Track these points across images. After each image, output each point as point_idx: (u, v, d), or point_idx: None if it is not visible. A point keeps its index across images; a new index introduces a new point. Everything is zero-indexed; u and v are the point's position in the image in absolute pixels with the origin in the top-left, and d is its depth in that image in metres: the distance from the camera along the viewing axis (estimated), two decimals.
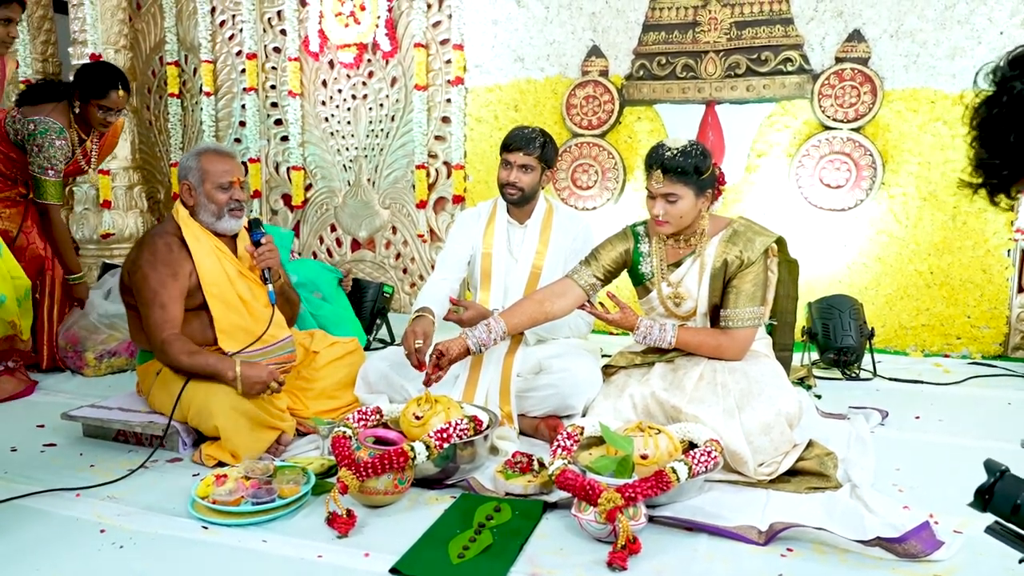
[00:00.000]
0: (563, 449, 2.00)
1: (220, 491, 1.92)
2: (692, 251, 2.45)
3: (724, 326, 2.39)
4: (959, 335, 3.70)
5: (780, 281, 2.55)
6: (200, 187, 2.47)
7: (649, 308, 2.57)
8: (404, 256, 4.81)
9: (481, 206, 2.94)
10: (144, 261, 2.40)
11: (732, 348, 2.38)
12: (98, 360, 3.28)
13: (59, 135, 3.17)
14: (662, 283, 2.48)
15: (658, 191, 2.34)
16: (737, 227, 2.43)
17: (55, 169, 3.19)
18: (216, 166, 2.48)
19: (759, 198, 3.90)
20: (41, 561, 1.70)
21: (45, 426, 2.65)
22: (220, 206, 2.48)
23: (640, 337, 2.44)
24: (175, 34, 5.14)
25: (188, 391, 2.32)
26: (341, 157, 4.88)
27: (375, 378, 2.62)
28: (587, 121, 4.16)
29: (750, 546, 1.76)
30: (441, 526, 1.84)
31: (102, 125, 3.28)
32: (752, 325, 2.38)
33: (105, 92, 3.18)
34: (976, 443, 2.44)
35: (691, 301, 2.45)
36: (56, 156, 3.17)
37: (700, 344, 2.41)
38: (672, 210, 2.34)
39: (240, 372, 2.27)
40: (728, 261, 2.38)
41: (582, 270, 2.52)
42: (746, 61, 3.88)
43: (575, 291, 2.49)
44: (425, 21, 4.51)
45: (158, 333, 2.34)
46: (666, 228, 2.39)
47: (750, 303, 2.37)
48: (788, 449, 2.15)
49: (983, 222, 3.61)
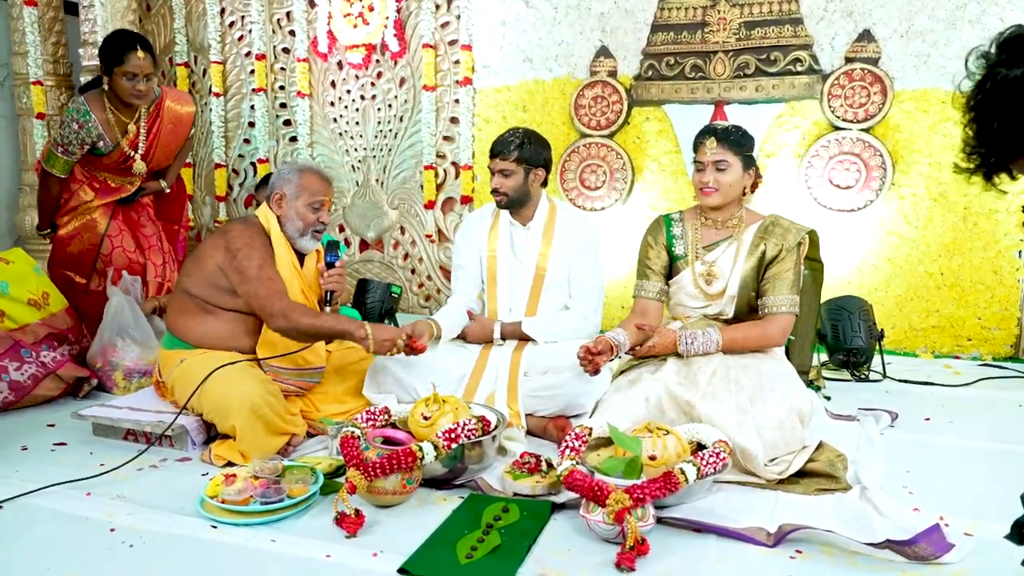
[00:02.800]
0: (571, 450, 1.99)
1: (229, 490, 1.93)
2: (729, 236, 2.53)
3: (765, 312, 2.46)
4: (969, 336, 3.68)
5: (804, 290, 2.58)
6: (293, 201, 2.52)
7: (678, 288, 2.59)
8: (412, 256, 4.81)
9: (485, 208, 2.94)
10: (244, 243, 2.44)
11: (776, 334, 2.44)
12: (127, 379, 3.08)
13: (79, 117, 3.08)
14: (696, 261, 2.54)
15: (709, 159, 2.45)
16: (773, 219, 2.53)
17: (65, 147, 3.10)
18: (314, 185, 2.54)
19: (769, 199, 3.88)
20: (51, 560, 1.71)
21: (56, 425, 2.66)
22: (307, 224, 2.53)
23: (685, 347, 2.39)
24: (185, 35, 5.16)
25: (208, 386, 2.32)
26: (350, 157, 4.89)
27: (383, 378, 2.62)
28: (595, 121, 4.16)
29: (759, 548, 1.75)
30: (449, 526, 1.84)
31: (134, 96, 3.11)
32: (790, 312, 2.44)
33: (123, 57, 3.05)
34: (986, 445, 2.43)
35: (722, 281, 2.50)
36: (68, 136, 3.09)
37: (746, 337, 2.43)
38: (722, 178, 2.45)
39: (371, 332, 2.35)
40: (767, 248, 2.47)
41: (644, 284, 2.63)
42: (755, 61, 3.87)
43: (652, 305, 2.60)
44: (434, 22, 4.51)
45: (276, 302, 2.36)
46: (714, 198, 2.47)
47: (791, 290, 2.44)
48: (798, 447, 2.14)
49: (994, 223, 3.59)
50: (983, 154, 1.25)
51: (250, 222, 2.57)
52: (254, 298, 2.39)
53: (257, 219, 2.57)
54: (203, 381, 2.33)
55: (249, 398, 2.27)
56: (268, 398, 2.32)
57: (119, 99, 3.15)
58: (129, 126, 3.21)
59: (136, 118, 3.23)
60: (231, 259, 2.42)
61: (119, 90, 3.11)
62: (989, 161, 1.24)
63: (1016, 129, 1.19)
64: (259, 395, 2.29)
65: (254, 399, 2.28)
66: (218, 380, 2.32)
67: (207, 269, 2.47)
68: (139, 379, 3.06)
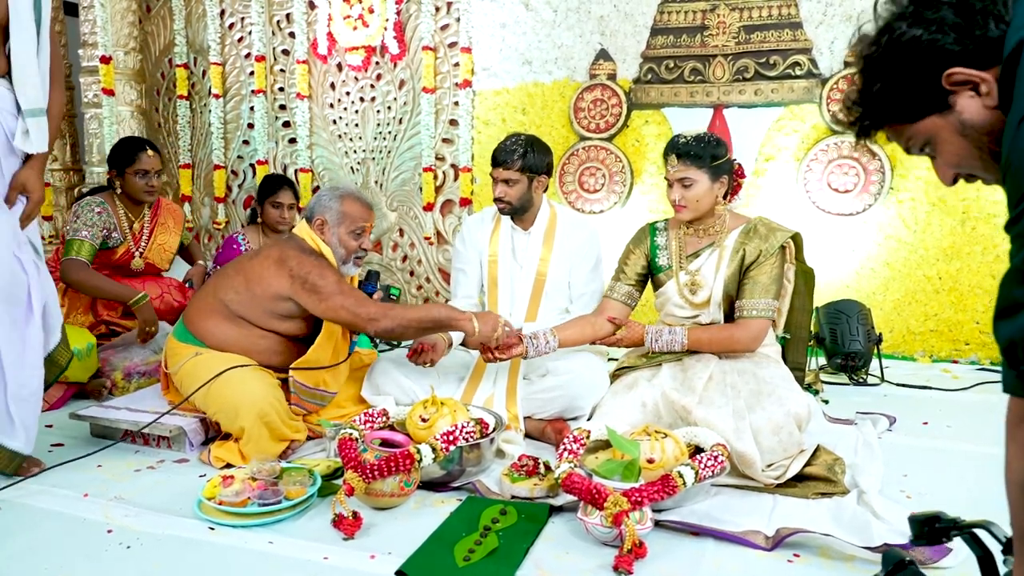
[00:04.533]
0: (569, 452, 1.99)
1: (227, 492, 1.93)
2: (711, 243, 2.51)
3: (738, 316, 2.44)
4: (968, 341, 3.69)
5: (796, 292, 2.58)
6: (336, 228, 2.51)
7: (664, 300, 2.59)
8: (411, 258, 4.81)
9: (486, 211, 2.94)
10: (312, 264, 2.40)
11: (745, 338, 2.41)
12: (126, 380, 3.06)
13: (96, 206, 3.15)
14: (680, 272, 2.53)
15: (673, 176, 2.44)
16: (756, 223, 2.51)
17: (89, 230, 3.10)
18: (356, 212, 2.53)
19: (767, 202, 3.89)
20: (49, 561, 1.71)
21: (53, 426, 2.66)
22: (349, 252, 2.54)
23: (651, 342, 2.47)
24: (184, 36, 5.16)
25: (218, 385, 2.31)
26: (349, 159, 4.89)
27: (381, 380, 2.62)
28: (595, 124, 4.16)
29: (756, 551, 1.75)
30: (447, 529, 1.84)
31: (146, 193, 3.24)
32: (766, 316, 2.42)
33: (134, 156, 3.20)
34: (984, 449, 2.43)
35: (707, 289, 2.49)
36: (91, 219, 3.11)
37: (711, 339, 2.43)
38: (688, 194, 2.43)
39: (475, 319, 2.34)
40: (746, 252, 2.45)
41: (615, 285, 2.64)
42: (754, 65, 3.87)
43: (615, 306, 2.61)
44: (433, 24, 4.52)
45: (370, 307, 2.35)
46: (685, 213, 2.47)
47: (765, 295, 2.42)
48: (796, 452, 2.14)
49: (992, 227, 3.60)
50: (860, 112, 1.17)
51: (302, 246, 2.50)
52: (343, 310, 2.34)
53: (305, 240, 2.52)
54: (215, 377, 2.31)
55: (260, 402, 2.28)
56: (276, 404, 2.32)
57: (128, 198, 3.28)
58: (135, 224, 3.33)
59: (140, 216, 3.36)
60: (302, 284, 2.37)
61: (131, 188, 3.24)
62: (863, 122, 1.17)
63: (897, 95, 1.11)
64: (268, 401, 2.30)
65: (264, 404, 2.28)
66: (230, 380, 2.31)
67: (264, 295, 2.42)
68: (138, 379, 3.05)
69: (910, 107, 1.11)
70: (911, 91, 1.09)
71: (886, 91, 1.11)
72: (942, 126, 1.09)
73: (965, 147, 1.09)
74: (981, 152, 1.09)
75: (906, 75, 1.08)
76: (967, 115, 1.06)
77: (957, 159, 1.12)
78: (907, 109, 1.11)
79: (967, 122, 1.07)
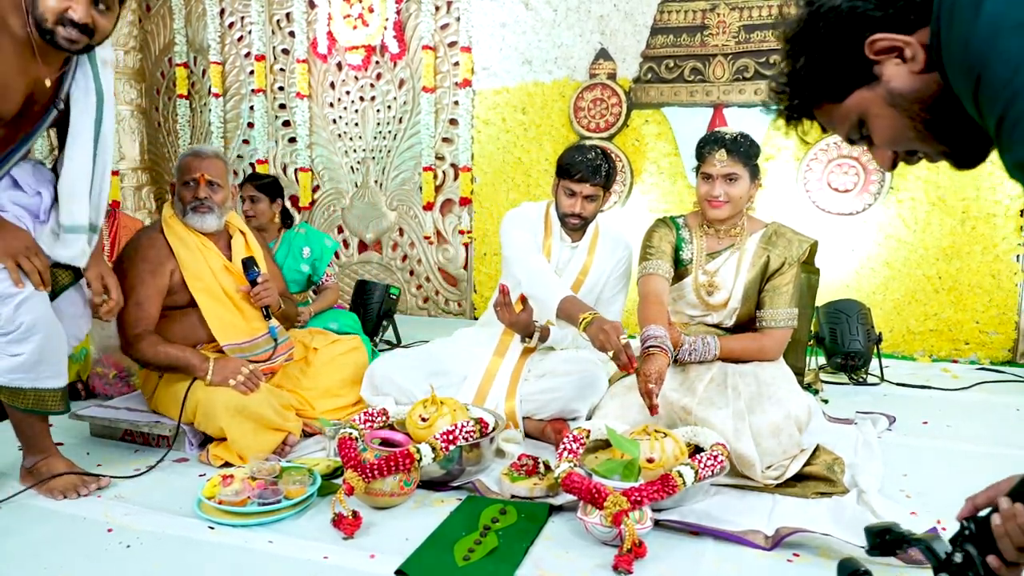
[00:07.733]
0: (569, 452, 1.99)
1: (226, 491, 1.92)
2: (731, 244, 2.49)
3: (763, 327, 2.43)
4: (967, 340, 3.69)
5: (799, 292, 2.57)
6: (178, 186, 2.53)
7: (679, 295, 2.57)
8: (411, 258, 4.81)
9: (531, 212, 2.79)
10: (125, 257, 2.45)
11: (773, 348, 2.42)
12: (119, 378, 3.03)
13: None
14: (698, 271, 2.50)
15: (720, 171, 2.38)
16: (776, 228, 2.49)
17: None
18: (186, 163, 2.53)
19: (767, 202, 3.89)
20: (48, 560, 1.71)
21: (53, 425, 2.65)
22: (184, 203, 2.51)
23: (685, 354, 2.37)
24: (184, 35, 5.16)
25: (192, 393, 2.32)
26: (348, 159, 4.89)
27: (381, 380, 2.61)
28: (595, 124, 4.17)
29: (756, 551, 1.75)
30: (447, 528, 1.84)
31: None
32: (789, 326, 2.42)
33: None
34: (984, 449, 2.43)
35: (724, 292, 2.47)
36: None
37: (744, 349, 2.42)
38: (732, 191, 2.38)
39: (211, 366, 2.32)
40: (771, 259, 2.44)
41: (659, 264, 2.47)
42: (754, 64, 3.87)
43: (662, 284, 2.45)
44: (433, 23, 4.52)
45: (130, 329, 2.37)
46: (723, 210, 2.41)
47: (788, 304, 2.42)
48: (796, 453, 2.14)
49: (992, 227, 3.60)
50: (787, 95, 1.11)
51: (150, 227, 2.56)
52: (119, 319, 2.36)
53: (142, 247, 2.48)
54: (186, 392, 2.32)
55: (233, 397, 2.28)
56: (254, 395, 2.32)
57: None
58: None
59: None
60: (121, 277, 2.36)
61: None
62: (792, 102, 1.11)
63: (821, 69, 1.05)
64: (238, 391, 2.31)
65: (238, 398, 2.28)
66: (198, 386, 2.32)
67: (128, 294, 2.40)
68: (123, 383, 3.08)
69: (836, 82, 1.05)
70: (835, 64, 1.03)
71: (810, 67, 1.05)
72: (871, 99, 1.03)
73: (897, 119, 1.03)
74: (914, 122, 1.02)
75: (829, 47, 1.02)
76: (894, 83, 1.00)
77: (891, 134, 1.05)
78: (833, 85, 1.05)
79: (895, 91, 1.00)
